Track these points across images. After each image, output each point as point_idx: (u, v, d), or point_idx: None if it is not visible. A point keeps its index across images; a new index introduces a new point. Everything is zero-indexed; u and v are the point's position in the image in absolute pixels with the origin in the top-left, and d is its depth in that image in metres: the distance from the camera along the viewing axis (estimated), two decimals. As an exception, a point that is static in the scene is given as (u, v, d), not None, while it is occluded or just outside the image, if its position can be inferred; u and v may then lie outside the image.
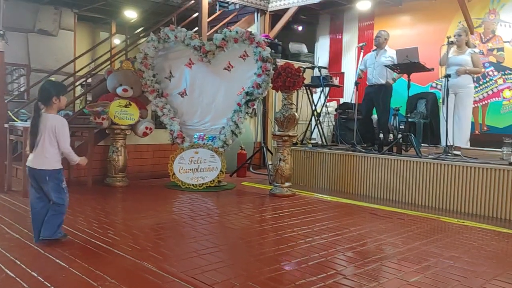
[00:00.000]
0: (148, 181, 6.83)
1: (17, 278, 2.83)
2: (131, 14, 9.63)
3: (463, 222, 4.76)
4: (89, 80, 9.02)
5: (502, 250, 3.83)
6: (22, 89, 8.80)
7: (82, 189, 5.85)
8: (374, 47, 6.90)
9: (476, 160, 5.44)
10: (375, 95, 6.61)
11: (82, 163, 3.79)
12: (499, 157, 5.72)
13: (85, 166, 6.05)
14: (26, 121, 7.18)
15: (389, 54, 6.58)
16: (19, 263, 3.11)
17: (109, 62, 8.41)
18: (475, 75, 6.49)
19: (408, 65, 5.96)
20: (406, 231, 4.32)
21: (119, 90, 6.29)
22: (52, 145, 3.50)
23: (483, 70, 7.13)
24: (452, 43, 6.00)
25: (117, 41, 11.07)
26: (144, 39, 8.45)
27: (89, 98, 8.69)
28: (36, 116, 3.49)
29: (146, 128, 6.39)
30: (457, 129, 5.98)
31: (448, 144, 5.89)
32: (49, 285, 2.76)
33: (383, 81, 6.55)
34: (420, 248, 3.74)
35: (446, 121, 5.81)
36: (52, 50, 9.27)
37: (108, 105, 6.13)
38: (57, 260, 3.18)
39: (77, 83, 8.76)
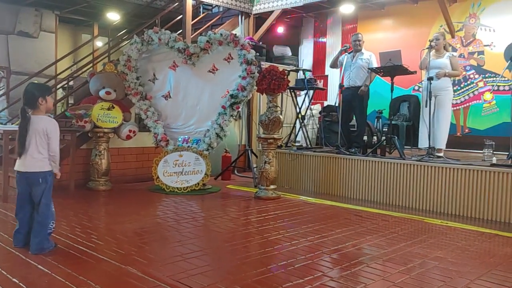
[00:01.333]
0: (131, 184, 6.76)
1: (-3, 285, 2.77)
2: (113, 16, 9.52)
3: (447, 223, 4.82)
4: (71, 83, 8.89)
5: (485, 250, 3.88)
6: (1, 92, 8.63)
7: (64, 193, 5.75)
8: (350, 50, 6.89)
9: (459, 162, 5.52)
10: (352, 97, 6.63)
11: (57, 175, 3.62)
12: (481, 158, 5.81)
13: (67, 169, 6.02)
14: (6, 124, 7.04)
15: (366, 56, 6.62)
16: (-1, 269, 3.04)
17: (91, 64, 8.32)
18: (455, 78, 6.58)
19: (391, 68, 6.02)
20: (390, 233, 4.34)
21: (102, 93, 6.21)
22: (43, 147, 3.44)
23: (463, 72, 7.25)
24: (431, 47, 6.08)
25: (99, 43, 10.95)
26: (127, 41, 8.38)
27: (71, 101, 8.57)
28: (23, 121, 3.42)
29: (130, 131, 6.32)
30: (436, 131, 6.06)
31: (427, 146, 5.95)
32: (31, 291, 2.70)
33: (359, 83, 6.59)
34: (405, 249, 3.77)
35: (429, 123, 5.88)
36: (32, 52, 9.11)
37: (90, 108, 6.05)
38: (39, 266, 3.12)
39: (58, 86, 8.63)
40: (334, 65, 6.97)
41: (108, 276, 3.00)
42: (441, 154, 6.01)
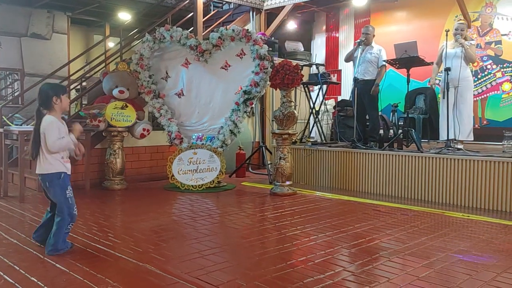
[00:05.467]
0: (146, 183, 6.74)
1: (16, 284, 2.75)
2: (125, 16, 9.55)
3: (468, 216, 4.70)
4: (84, 84, 8.92)
5: (511, 243, 3.77)
6: (16, 94, 8.70)
7: (80, 193, 5.74)
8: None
9: (479, 154, 5.39)
10: (361, 91, 6.51)
11: (78, 130, 3.51)
12: (501, 150, 5.67)
13: (82, 169, 6.03)
14: (21, 125, 7.09)
15: (375, 51, 6.48)
16: (18, 268, 3.02)
17: (103, 64, 8.33)
18: (471, 63, 6.34)
19: (407, 59, 5.90)
20: (411, 227, 4.25)
21: (115, 92, 6.20)
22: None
23: (478, 60, 7.08)
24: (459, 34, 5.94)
25: (111, 44, 10.98)
26: (138, 41, 8.38)
27: (85, 101, 8.61)
28: (38, 122, 3.37)
29: (144, 129, 6.30)
30: (460, 123, 5.92)
31: (450, 138, 5.82)
32: (49, 290, 2.68)
33: (368, 77, 6.46)
34: (427, 243, 3.68)
35: (447, 115, 5.76)
36: (45, 54, 9.18)
37: (104, 107, 6.05)
38: (57, 265, 3.10)
39: (71, 87, 8.67)
40: (349, 59, 6.86)
41: (126, 274, 2.97)
42: (461, 146, 5.88)
